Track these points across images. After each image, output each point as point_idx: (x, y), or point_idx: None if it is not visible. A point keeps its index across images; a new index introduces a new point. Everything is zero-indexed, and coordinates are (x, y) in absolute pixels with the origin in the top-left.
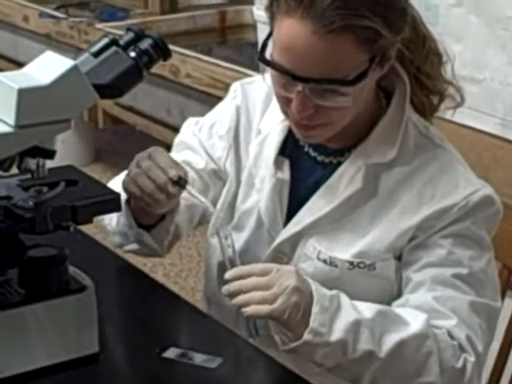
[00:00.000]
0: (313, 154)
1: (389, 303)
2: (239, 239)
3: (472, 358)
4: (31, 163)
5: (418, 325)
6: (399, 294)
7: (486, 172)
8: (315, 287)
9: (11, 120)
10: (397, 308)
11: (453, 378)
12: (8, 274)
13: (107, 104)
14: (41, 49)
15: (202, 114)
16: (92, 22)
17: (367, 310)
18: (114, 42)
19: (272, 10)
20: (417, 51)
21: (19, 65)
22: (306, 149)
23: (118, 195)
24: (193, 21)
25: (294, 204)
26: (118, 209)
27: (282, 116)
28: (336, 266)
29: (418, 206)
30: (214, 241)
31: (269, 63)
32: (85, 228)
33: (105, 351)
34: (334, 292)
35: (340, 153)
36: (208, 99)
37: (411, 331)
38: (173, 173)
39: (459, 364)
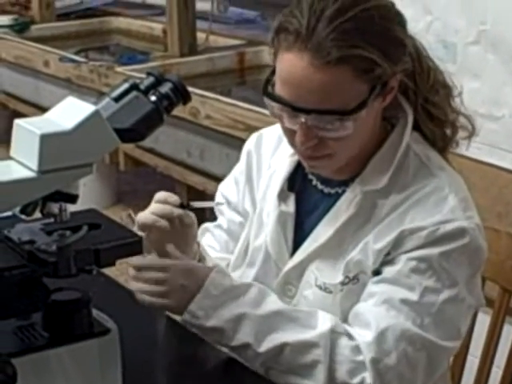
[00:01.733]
0: (320, 186)
1: None
2: (249, 275)
3: (369, 380)
4: (54, 207)
5: (312, 332)
6: None
7: (506, 208)
8: (214, 275)
9: (34, 165)
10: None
11: None
12: (32, 317)
13: (128, 146)
14: (62, 93)
15: (222, 155)
16: (112, 65)
17: (268, 305)
18: (134, 87)
19: (274, 46)
20: (422, 82)
21: (41, 109)
22: (315, 182)
23: (140, 238)
24: (212, 62)
25: (301, 236)
26: (140, 251)
27: (290, 151)
28: (330, 291)
29: (395, 228)
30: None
31: (271, 96)
32: (107, 271)
33: None
34: (237, 284)
35: (345, 183)
36: (228, 140)
37: (300, 337)
38: (174, 199)
39: (354, 381)
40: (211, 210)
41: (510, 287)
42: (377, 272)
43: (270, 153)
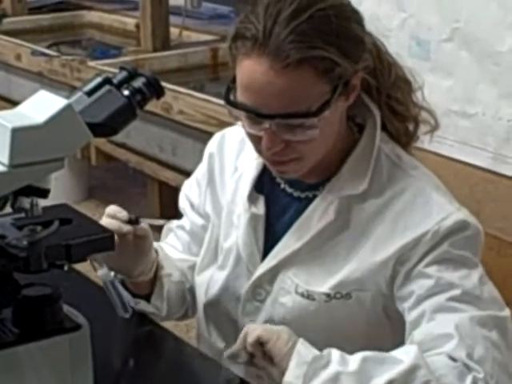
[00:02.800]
0: (289, 190)
1: (364, 330)
2: (220, 277)
3: (481, 375)
4: (25, 202)
5: (407, 359)
6: (378, 323)
7: (478, 206)
8: (302, 341)
9: (5, 159)
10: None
11: None
12: (2, 313)
13: (100, 141)
14: (33, 87)
15: (195, 151)
16: (84, 59)
17: (352, 362)
18: (107, 81)
19: (232, 53)
20: (383, 79)
21: (12, 103)
22: (283, 185)
23: (111, 233)
24: (185, 58)
25: (271, 239)
26: (111, 247)
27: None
28: (313, 299)
29: (391, 239)
30: (199, 279)
31: (233, 104)
32: (79, 266)
33: None
34: (319, 352)
35: (315, 187)
36: (200, 136)
37: (400, 367)
38: (122, 214)
39: (468, 382)
40: (161, 227)
41: None
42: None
43: (235, 154)
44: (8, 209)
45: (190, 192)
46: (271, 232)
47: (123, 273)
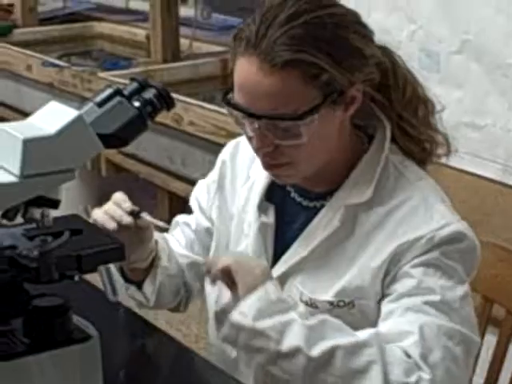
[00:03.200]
0: (298, 199)
1: None
2: None
3: (427, 376)
4: (36, 213)
5: (362, 335)
6: None
7: (487, 217)
8: (272, 282)
9: (16, 170)
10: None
11: None
12: (12, 323)
13: (110, 152)
14: (44, 97)
15: (204, 162)
16: (95, 70)
17: (312, 318)
18: (118, 92)
19: (231, 54)
20: (396, 98)
21: (23, 113)
22: (292, 194)
23: (122, 244)
24: (195, 69)
25: (281, 248)
26: (122, 258)
27: None
28: (317, 307)
29: (389, 244)
30: (209, 288)
31: (228, 103)
32: (89, 277)
33: None
34: (287, 299)
35: (323, 197)
36: (211, 147)
37: (352, 339)
38: (126, 205)
39: (411, 380)
40: (160, 228)
41: (490, 295)
42: (380, 298)
43: (248, 163)
44: (19, 219)
45: (200, 194)
46: (281, 240)
47: None
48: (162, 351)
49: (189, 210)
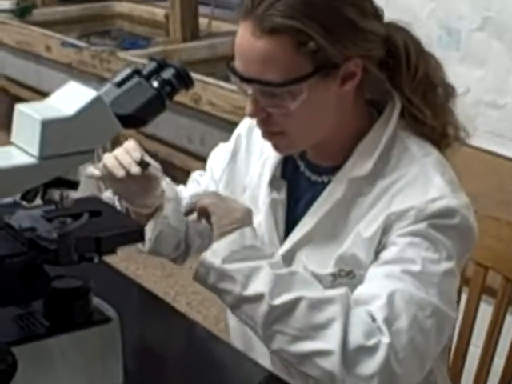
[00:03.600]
0: (307, 173)
1: None
2: None
3: (386, 340)
4: (55, 194)
5: (329, 292)
6: None
7: (508, 196)
8: (251, 229)
9: (35, 151)
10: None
11: (360, 356)
12: (32, 306)
13: (129, 132)
14: (63, 78)
15: (224, 141)
16: (114, 50)
17: (283, 268)
18: (136, 72)
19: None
20: (406, 79)
21: (42, 94)
22: (302, 169)
23: (141, 226)
24: (214, 48)
25: (291, 223)
26: (141, 239)
27: None
28: (320, 280)
29: (382, 215)
30: None
31: (228, 67)
32: (108, 258)
33: (129, 382)
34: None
35: (331, 171)
36: (229, 126)
37: (318, 293)
38: (136, 154)
39: (369, 343)
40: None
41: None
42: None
43: (262, 139)
44: (38, 201)
45: (214, 162)
46: (292, 216)
47: (126, 200)
48: (181, 333)
49: None
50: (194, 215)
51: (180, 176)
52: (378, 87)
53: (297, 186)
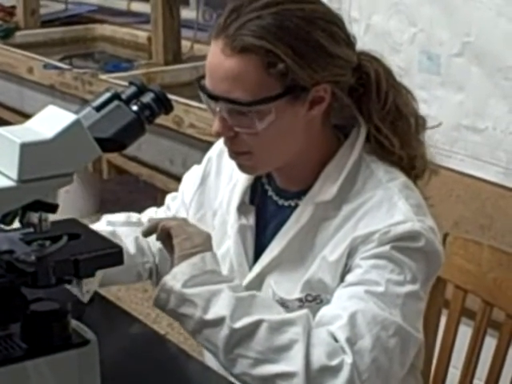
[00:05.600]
0: (275, 198)
1: None
2: None
3: (349, 360)
4: (33, 217)
5: (290, 314)
6: None
7: (489, 221)
8: (212, 255)
9: (14, 174)
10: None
11: (324, 377)
12: (10, 328)
13: (111, 155)
14: (45, 99)
15: None
16: (96, 72)
17: (243, 292)
18: (116, 96)
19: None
20: (375, 107)
21: (24, 115)
22: (270, 193)
23: (120, 248)
24: (196, 71)
25: (260, 248)
26: (120, 262)
27: None
28: (287, 306)
29: (347, 239)
30: None
31: (198, 85)
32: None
33: None
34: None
35: (298, 196)
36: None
37: (278, 317)
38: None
39: (333, 362)
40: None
41: (491, 300)
42: None
43: (233, 163)
44: (16, 224)
45: (186, 186)
46: (261, 241)
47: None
48: (161, 355)
49: None
50: (153, 236)
51: (162, 198)
52: (346, 112)
53: (265, 210)
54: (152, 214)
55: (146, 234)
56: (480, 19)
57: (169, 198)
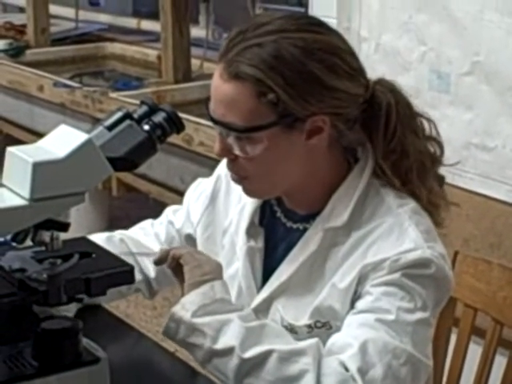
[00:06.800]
0: (283, 220)
1: None
2: None
3: None
4: (45, 236)
5: (301, 343)
6: None
7: (499, 239)
8: (222, 283)
9: (26, 193)
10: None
11: None
12: (21, 346)
13: (121, 172)
14: (56, 118)
15: None
16: (106, 91)
17: (253, 320)
18: (127, 116)
19: None
20: (379, 144)
21: (35, 134)
22: (279, 214)
23: (131, 267)
24: (206, 89)
25: (269, 270)
26: (131, 281)
27: None
28: (296, 332)
29: (357, 266)
30: None
31: (206, 106)
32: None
33: None
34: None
35: (307, 219)
36: None
37: (288, 346)
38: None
39: None
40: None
41: (501, 318)
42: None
43: None
44: (28, 242)
45: (192, 202)
46: (270, 263)
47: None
48: (170, 373)
49: None
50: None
51: None
52: (356, 136)
53: (274, 232)
54: (148, 225)
55: (158, 262)
56: (490, 38)
57: (169, 211)
